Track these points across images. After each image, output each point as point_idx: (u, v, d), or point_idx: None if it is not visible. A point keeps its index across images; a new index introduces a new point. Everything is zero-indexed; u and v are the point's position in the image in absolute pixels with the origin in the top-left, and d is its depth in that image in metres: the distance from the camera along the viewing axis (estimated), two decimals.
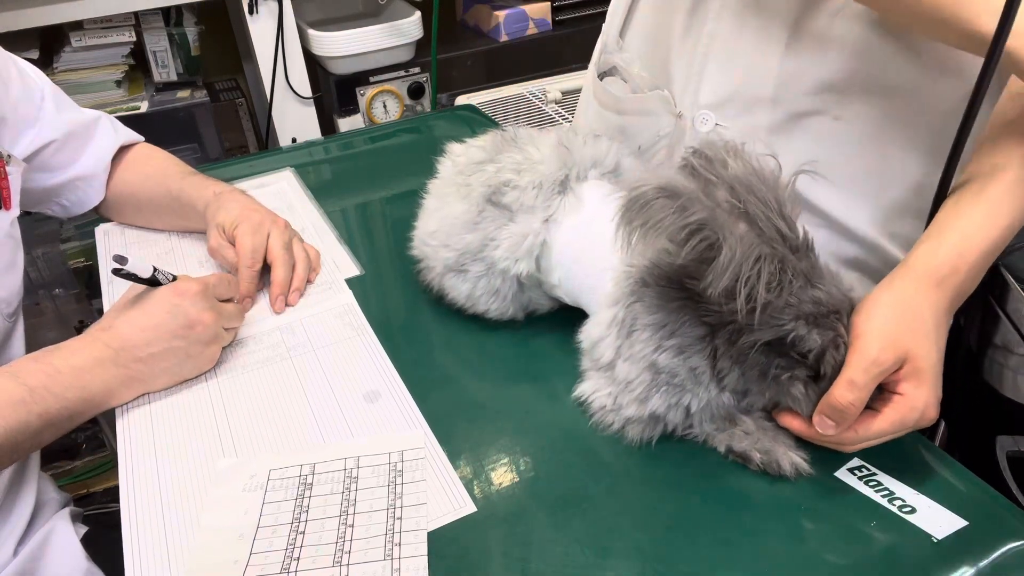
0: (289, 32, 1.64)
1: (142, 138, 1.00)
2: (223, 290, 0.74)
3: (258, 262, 0.81)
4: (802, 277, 0.53)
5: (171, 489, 0.61)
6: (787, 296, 0.53)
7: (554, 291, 0.74)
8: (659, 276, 0.59)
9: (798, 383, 0.57)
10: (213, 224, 0.86)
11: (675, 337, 0.59)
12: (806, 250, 0.54)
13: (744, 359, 0.57)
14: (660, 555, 0.54)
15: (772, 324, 0.54)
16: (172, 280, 0.72)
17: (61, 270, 1.61)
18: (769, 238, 0.52)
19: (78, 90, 1.56)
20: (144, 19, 1.60)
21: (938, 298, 0.56)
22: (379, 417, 0.67)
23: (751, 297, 0.51)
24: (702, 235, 0.51)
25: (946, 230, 0.58)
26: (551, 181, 0.71)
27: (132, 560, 0.56)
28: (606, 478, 0.60)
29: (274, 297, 0.81)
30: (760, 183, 0.53)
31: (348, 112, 1.79)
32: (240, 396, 0.70)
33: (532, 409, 0.68)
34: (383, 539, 0.55)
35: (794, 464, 0.58)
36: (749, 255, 0.50)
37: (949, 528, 0.54)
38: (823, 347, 0.54)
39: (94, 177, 0.93)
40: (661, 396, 0.60)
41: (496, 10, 1.86)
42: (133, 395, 0.68)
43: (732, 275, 0.50)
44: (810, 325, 0.54)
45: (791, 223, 0.53)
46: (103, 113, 0.95)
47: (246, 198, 0.89)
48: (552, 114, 1.54)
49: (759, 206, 0.52)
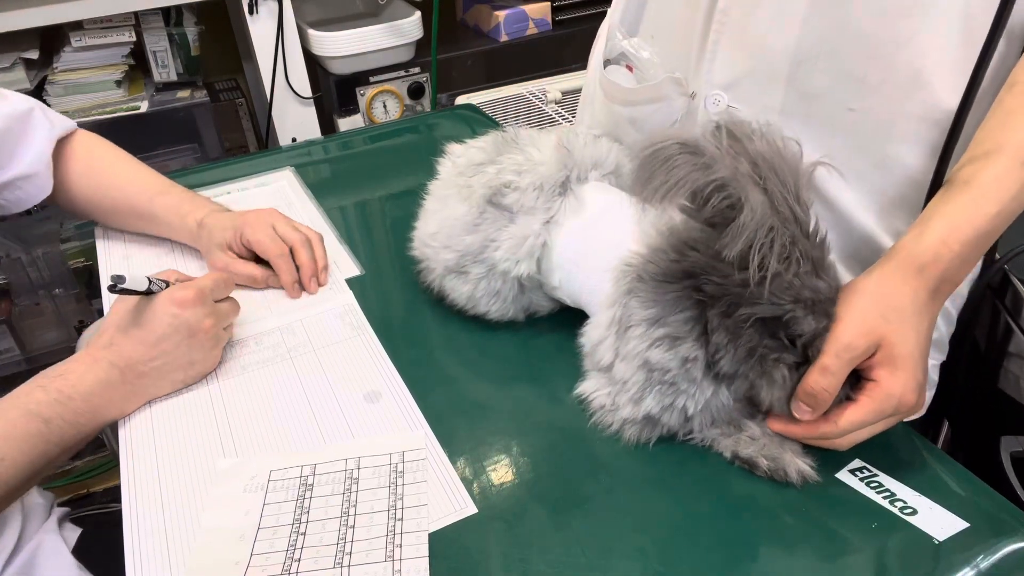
0: (289, 32, 1.64)
1: (75, 124, 0.95)
2: (220, 292, 0.74)
3: (284, 247, 0.83)
4: (809, 262, 0.53)
5: (172, 489, 0.61)
6: (792, 275, 0.52)
7: (555, 293, 0.74)
8: (655, 272, 0.59)
9: (782, 367, 0.56)
10: (214, 248, 0.85)
11: (665, 326, 0.58)
12: (816, 238, 0.54)
13: (738, 334, 0.56)
14: (661, 556, 0.53)
15: (772, 301, 0.54)
16: (165, 287, 0.70)
17: (61, 270, 1.61)
18: (783, 216, 0.52)
19: (78, 90, 1.56)
20: (144, 19, 1.60)
21: (918, 285, 0.56)
22: (380, 418, 0.67)
23: (763, 265, 0.51)
24: (725, 193, 0.50)
25: (932, 217, 0.58)
26: (552, 182, 0.71)
27: (132, 560, 0.56)
28: (607, 479, 0.60)
29: (307, 279, 0.84)
30: (782, 163, 0.52)
31: (348, 112, 1.79)
32: (240, 396, 0.70)
33: (533, 410, 0.68)
34: (384, 540, 0.55)
35: (800, 472, 0.57)
36: (764, 223, 0.50)
37: (950, 530, 0.54)
38: (815, 334, 0.54)
39: (35, 175, 0.89)
40: (655, 397, 0.60)
41: (496, 10, 1.86)
42: (139, 404, 0.69)
43: (748, 240, 0.50)
44: (807, 310, 0.54)
45: (805, 209, 0.53)
46: (35, 102, 0.90)
47: (228, 213, 0.89)
48: (552, 114, 1.54)
49: (777, 184, 0.52)
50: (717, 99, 0.73)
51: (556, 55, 1.90)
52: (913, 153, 0.67)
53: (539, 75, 1.75)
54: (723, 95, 0.72)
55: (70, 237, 1.58)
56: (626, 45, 0.82)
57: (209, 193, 1.01)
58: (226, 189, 1.07)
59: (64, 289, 1.63)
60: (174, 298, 0.69)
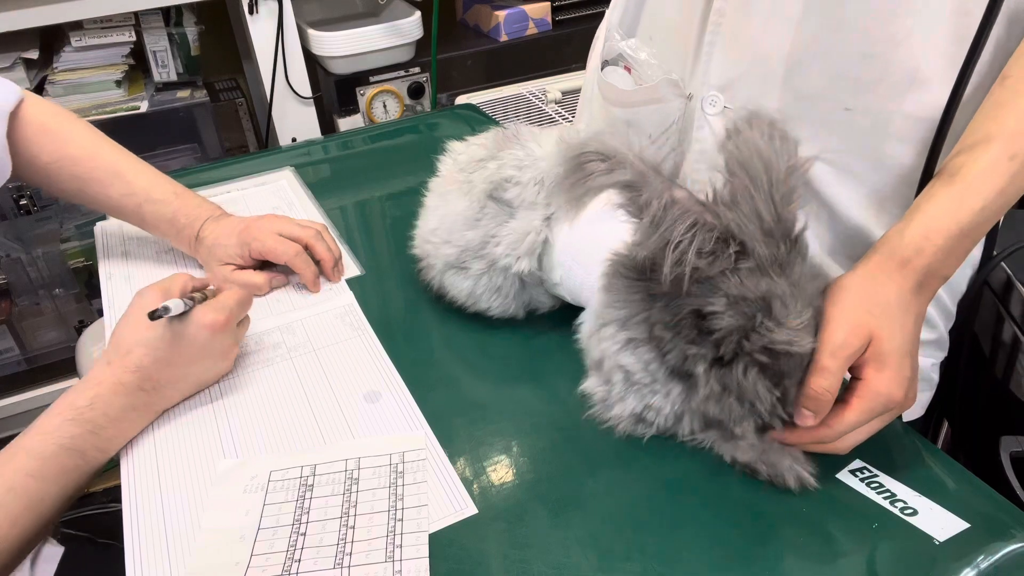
0: (289, 32, 1.64)
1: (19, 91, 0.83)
2: (242, 312, 0.73)
3: (298, 247, 0.84)
4: (754, 260, 0.51)
5: (172, 490, 0.61)
6: (718, 269, 0.51)
7: (556, 289, 0.74)
8: (628, 267, 0.59)
9: (701, 362, 0.55)
10: (213, 263, 0.85)
11: (627, 330, 0.58)
12: (782, 238, 0.52)
13: (677, 330, 0.55)
14: (661, 556, 0.53)
15: (702, 294, 0.53)
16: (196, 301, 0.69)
17: (61, 270, 1.61)
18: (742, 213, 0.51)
19: (78, 90, 1.56)
20: (144, 19, 1.60)
21: (903, 280, 0.55)
22: (380, 418, 0.67)
23: (680, 262, 0.50)
24: (630, 196, 0.51)
25: (916, 212, 0.58)
26: (553, 177, 0.71)
27: (132, 561, 0.56)
28: (607, 479, 0.60)
29: (329, 270, 0.85)
30: (758, 160, 0.51)
31: (348, 112, 1.79)
32: (240, 397, 0.70)
33: (533, 410, 0.68)
34: (384, 540, 0.55)
35: (799, 479, 0.57)
36: (682, 220, 0.50)
37: (951, 530, 0.54)
38: (729, 330, 0.53)
39: None
40: (635, 397, 0.60)
41: (496, 10, 1.86)
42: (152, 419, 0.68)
43: (660, 239, 0.50)
44: (729, 306, 0.52)
45: (779, 207, 0.51)
46: None
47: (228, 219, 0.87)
48: (552, 114, 1.54)
49: (745, 181, 0.51)
50: (714, 100, 0.73)
51: (556, 55, 1.90)
52: (909, 151, 0.67)
53: (539, 75, 1.75)
54: (719, 96, 0.72)
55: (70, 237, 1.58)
56: (624, 46, 0.82)
57: (209, 193, 1.01)
58: (226, 189, 1.07)
59: (64, 289, 1.63)
60: (206, 323, 0.67)
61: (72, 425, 0.62)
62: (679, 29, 0.76)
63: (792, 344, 0.51)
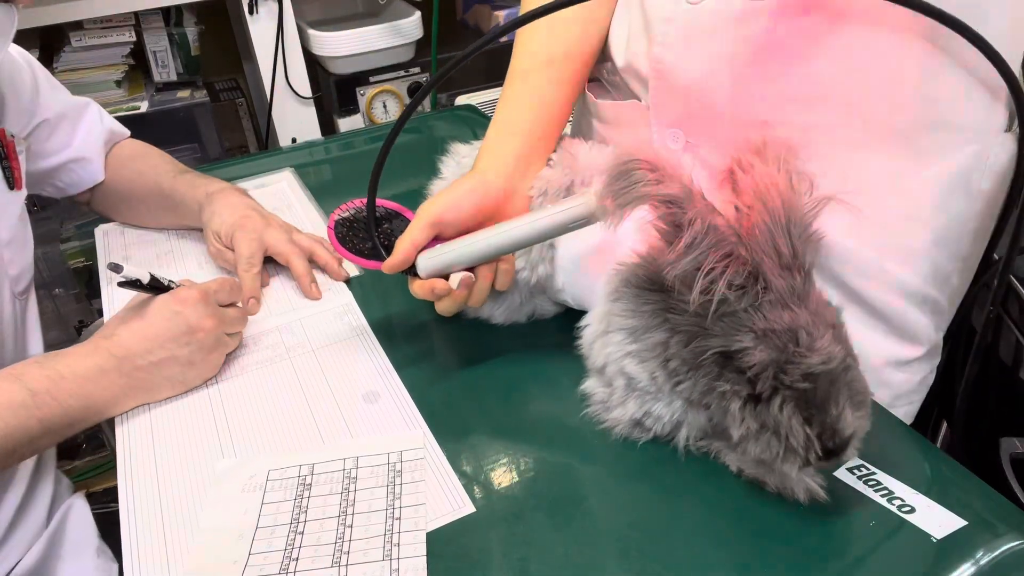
0: (289, 32, 1.64)
1: (128, 132, 1.02)
2: (225, 295, 0.74)
3: (255, 265, 0.83)
4: (776, 294, 0.51)
5: (170, 489, 0.61)
6: (747, 304, 0.51)
7: (559, 296, 0.74)
8: (641, 277, 0.59)
9: (737, 400, 0.54)
10: (209, 231, 0.87)
11: (637, 342, 0.58)
12: (796, 270, 0.52)
13: (698, 367, 0.55)
14: (659, 556, 0.53)
15: (725, 332, 0.52)
16: (174, 286, 0.72)
17: (61, 270, 1.61)
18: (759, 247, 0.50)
19: (78, 90, 1.55)
20: (144, 19, 1.60)
21: None
22: (378, 417, 0.67)
23: (709, 291, 0.50)
24: (671, 211, 0.50)
25: None
26: (556, 187, 0.71)
27: (131, 560, 0.56)
28: (606, 479, 0.60)
29: (306, 287, 0.84)
30: (775, 195, 0.51)
31: (348, 112, 1.79)
32: (239, 397, 0.70)
33: (532, 409, 0.68)
34: (382, 539, 0.55)
35: (809, 491, 0.55)
36: (719, 248, 0.50)
37: (948, 528, 0.54)
38: (764, 365, 0.51)
39: (88, 160, 0.94)
40: (635, 402, 0.60)
41: (496, 10, 1.86)
42: (135, 404, 0.68)
43: (695, 261, 0.50)
44: (759, 340, 0.51)
45: (795, 241, 0.51)
46: (92, 100, 0.97)
47: (239, 198, 0.89)
48: None
49: (763, 215, 0.51)
50: (675, 136, 0.73)
51: None
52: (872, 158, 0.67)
53: None
54: (680, 132, 0.73)
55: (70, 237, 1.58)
56: (600, 70, 0.82)
57: None
58: None
59: (64, 289, 1.63)
60: (177, 295, 0.70)
61: (34, 365, 0.64)
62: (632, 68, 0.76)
63: (829, 361, 0.50)
